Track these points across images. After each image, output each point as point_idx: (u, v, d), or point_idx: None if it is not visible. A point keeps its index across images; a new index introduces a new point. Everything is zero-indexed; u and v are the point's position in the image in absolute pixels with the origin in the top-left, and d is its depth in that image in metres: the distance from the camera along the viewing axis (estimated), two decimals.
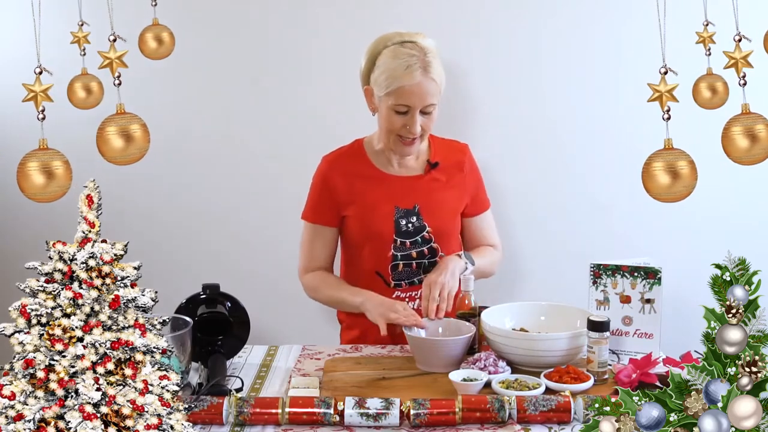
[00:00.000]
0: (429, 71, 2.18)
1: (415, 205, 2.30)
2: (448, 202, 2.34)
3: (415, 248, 2.30)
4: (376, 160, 2.35)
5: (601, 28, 2.81)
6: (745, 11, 1.45)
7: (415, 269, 2.30)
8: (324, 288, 2.36)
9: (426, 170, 2.34)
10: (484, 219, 2.43)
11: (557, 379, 1.83)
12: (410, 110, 2.20)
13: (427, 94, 2.19)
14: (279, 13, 2.82)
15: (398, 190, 2.32)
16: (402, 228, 2.29)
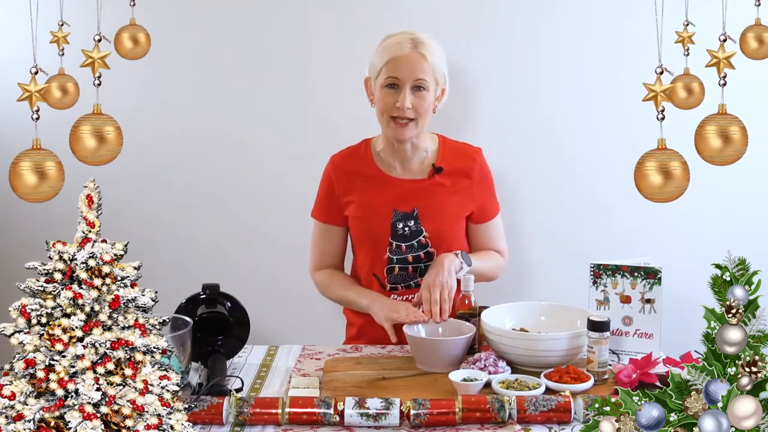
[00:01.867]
0: (419, 47, 2.22)
1: (414, 208, 2.30)
2: (449, 208, 2.32)
3: (411, 252, 2.29)
4: (379, 162, 2.35)
5: (601, 28, 2.81)
6: (735, 13, 1.46)
7: (411, 273, 2.30)
8: (334, 287, 2.38)
9: (430, 174, 2.33)
10: (491, 225, 2.40)
11: (557, 379, 1.83)
12: (400, 84, 2.21)
13: (417, 67, 2.21)
14: (280, 11, 2.82)
15: (398, 193, 2.31)
16: (398, 231, 2.29)
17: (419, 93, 2.22)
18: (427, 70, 2.22)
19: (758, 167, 2.72)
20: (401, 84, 2.21)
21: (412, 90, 2.21)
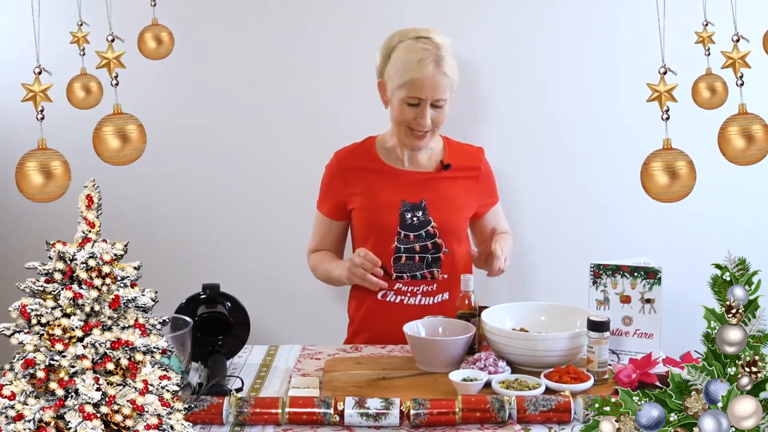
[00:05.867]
0: (441, 65, 2.22)
1: (422, 200, 2.32)
2: (456, 200, 2.36)
3: (419, 242, 2.31)
4: (386, 157, 2.38)
5: (605, 28, 2.82)
6: (746, 12, 1.45)
7: (418, 263, 2.31)
8: (319, 264, 2.43)
9: (437, 169, 2.36)
10: (495, 210, 2.48)
11: (557, 379, 1.83)
12: (421, 103, 2.23)
13: (438, 87, 2.22)
14: (287, 11, 2.82)
15: (406, 184, 2.34)
16: (407, 221, 2.31)
17: (439, 109, 2.26)
18: (446, 86, 2.24)
19: (758, 167, 2.71)
20: (422, 103, 2.24)
21: (432, 106, 2.24)
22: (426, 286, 2.31)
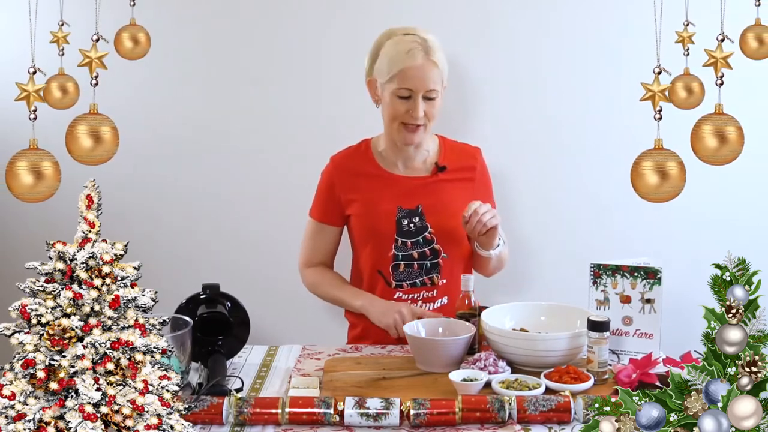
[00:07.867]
0: (430, 54, 2.21)
1: (418, 205, 2.30)
2: (453, 204, 2.32)
3: (416, 249, 2.30)
4: (381, 161, 2.36)
5: (601, 28, 2.82)
6: (735, 13, 1.45)
7: (417, 270, 2.30)
8: (324, 285, 2.39)
9: (433, 172, 2.35)
10: None
11: (557, 379, 1.83)
12: (413, 94, 2.22)
13: (429, 77, 2.21)
14: (279, 11, 2.82)
15: (402, 190, 2.32)
16: (404, 228, 2.29)
17: (431, 101, 2.24)
18: (437, 78, 2.23)
19: (758, 167, 2.73)
20: (414, 94, 2.22)
21: (423, 98, 2.23)
22: (426, 292, 2.30)
